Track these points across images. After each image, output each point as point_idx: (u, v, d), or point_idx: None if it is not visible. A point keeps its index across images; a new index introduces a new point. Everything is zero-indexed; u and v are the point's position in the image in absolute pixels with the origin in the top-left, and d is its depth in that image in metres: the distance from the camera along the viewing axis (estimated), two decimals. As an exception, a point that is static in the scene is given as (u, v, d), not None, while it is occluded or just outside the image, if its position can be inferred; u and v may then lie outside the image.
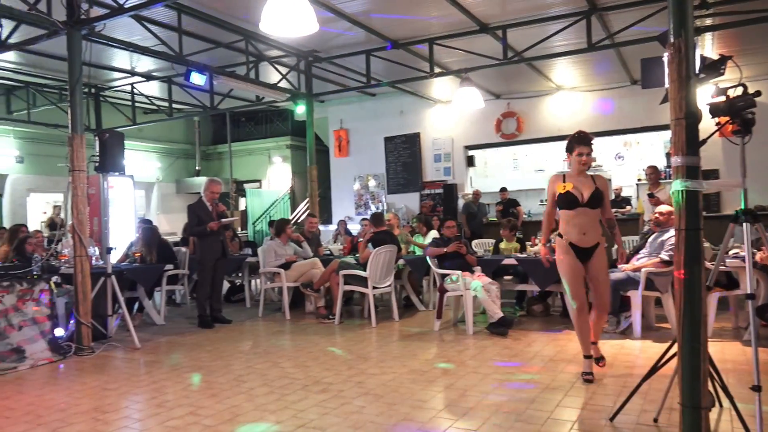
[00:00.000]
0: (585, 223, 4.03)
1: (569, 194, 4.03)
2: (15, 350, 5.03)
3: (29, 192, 13.03)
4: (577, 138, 4.06)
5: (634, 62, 8.86)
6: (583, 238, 4.04)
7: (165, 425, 3.51)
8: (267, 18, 4.64)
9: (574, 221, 4.05)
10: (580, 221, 4.03)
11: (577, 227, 4.05)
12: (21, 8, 5.80)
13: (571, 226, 4.07)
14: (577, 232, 4.05)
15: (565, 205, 4.07)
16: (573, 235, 4.05)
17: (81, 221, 5.68)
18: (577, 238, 4.04)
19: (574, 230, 4.05)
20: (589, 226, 4.05)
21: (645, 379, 3.37)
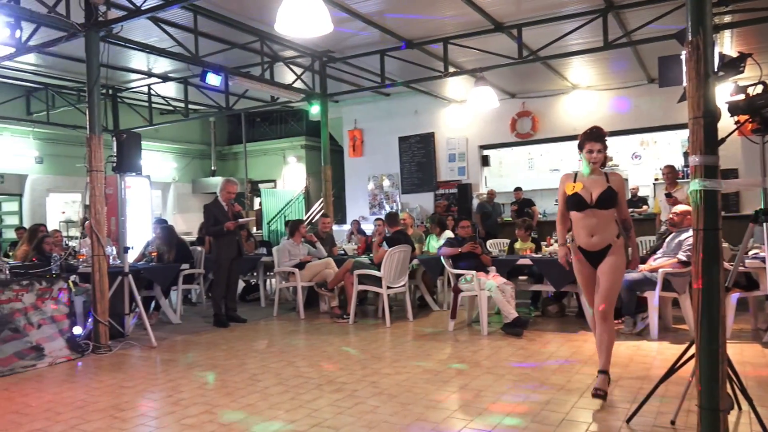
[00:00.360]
0: (594, 226, 3.72)
1: (576, 195, 3.76)
2: (34, 348, 5.11)
3: (48, 192, 13.22)
4: (587, 134, 3.76)
5: (652, 60, 8.77)
6: (591, 241, 3.74)
7: (181, 423, 3.54)
8: (282, 19, 4.66)
9: (582, 223, 3.76)
10: (588, 223, 3.73)
11: (585, 230, 3.75)
12: (40, 11, 5.89)
13: (579, 228, 3.79)
14: (584, 235, 3.76)
15: (573, 207, 3.79)
16: (581, 238, 3.79)
17: (99, 221, 5.75)
18: (585, 241, 3.76)
19: (582, 233, 3.77)
20: (599, 228, 3.72)
21: (662, 380, 3.34)
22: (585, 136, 3.75)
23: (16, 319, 5.03)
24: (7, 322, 4.96)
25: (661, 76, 6.32)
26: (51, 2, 5.89)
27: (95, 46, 5.87)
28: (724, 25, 7.51)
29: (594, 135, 3.72)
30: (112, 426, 3.53)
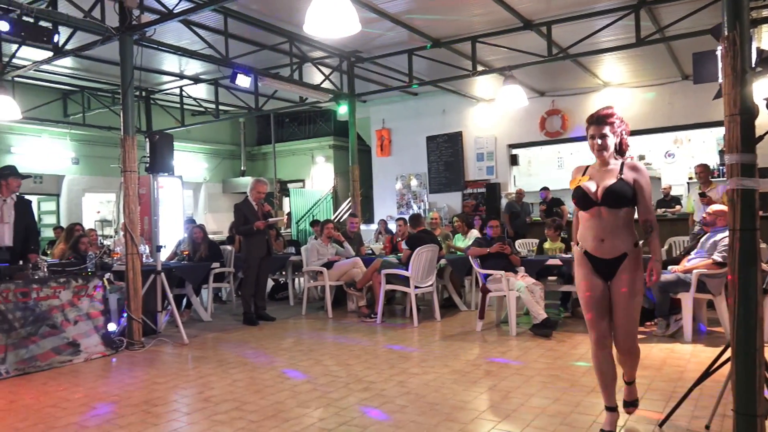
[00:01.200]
0: (602, 227, 3.04)
1: (578, 190, 3.11)
2: (71, 344, 5.25)
3: (84, 192, 13.55)
4: (588, 118, 3.17)
5: (686, 56, 8.57)
6: (599, 247, 3.05)
7: (211, 419, 3.60)
8: (311, 19, 4.70)
9: (588, 224, 3.11)
10: (595, 224, 3.06)
11: (591, 231, 3.08)
12: (77, 15, 6.05)
13: (586, 230, 3.13)
14: (591, 238, 3.08)
15: (578, 204, 3.14)
16: (588, 242, 3.10)
17: (132, 220, 5.88)
18: (593, 245, 3.07)
19: (589, 236, 3.10)
20: (609, 230, 3.03)
21: (696, 384, 3.27)
22: (587, 121, 3.16)
23: (53, 315, 5.18)
24: (46, 319, 5.11)
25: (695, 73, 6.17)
26: (87, 7, 6.05)
27: (129, 49, 6.00)
28: (762, 20, 7.30)
29: (595, 118, 3.10)
30: (145, 421, 3.61)
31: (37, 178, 12.54)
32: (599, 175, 3.10)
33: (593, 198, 3.05)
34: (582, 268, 3.16)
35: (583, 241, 3.15)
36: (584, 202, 3.09)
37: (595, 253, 3.09)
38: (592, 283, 3.11)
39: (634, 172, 3.06)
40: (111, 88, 11.20)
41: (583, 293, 3.15)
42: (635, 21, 7.17)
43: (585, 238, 3.14)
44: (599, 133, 3.06)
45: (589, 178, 3.12)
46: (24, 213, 5.97)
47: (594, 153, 3.11)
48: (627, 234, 3.04)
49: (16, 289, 4.95)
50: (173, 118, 12.17)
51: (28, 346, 4.93)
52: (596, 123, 3.07)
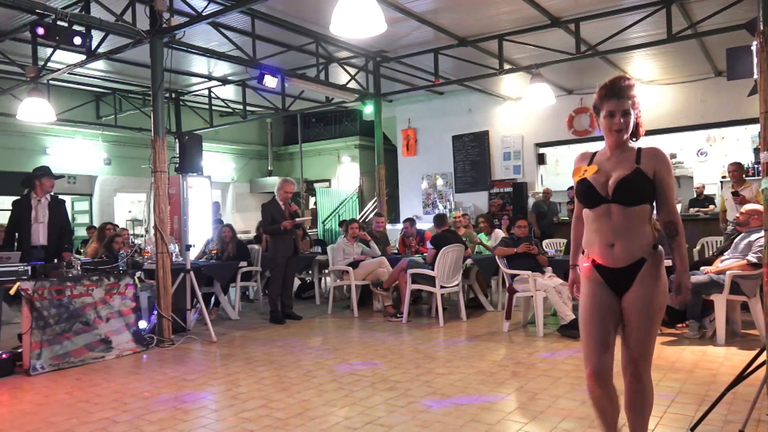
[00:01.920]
0: (612, 229, 2.43)
1: (583, 183, 2.51)
2: (103, 341, 5.37)
3: (116, 192, 13.85)
4: (604, 89, 2.48)
5: (719, 52, 8.37)
6: (609, 253, 2.44)
7: (239, 416, 3.64)
8: (337, 20, 4.73)
9: (595, 226, 2.49)
10: (603, 225, 2.45)
11: (600, 235, 2.46)
12: (109, 19, 6.19)
13: (592, 233, 2.51)
14: (600, 243, 2.46)
15: (583, 200, 2.55)
16: (595, 249, 2.49)
17: (162, 220, 5.98)
18: (601, 251, 2.46)
19: (597, 240, 2.48)
20: (621, 232, 2.42)
21: (730, 388, 3.20)
22: (601, 93, 2.49)
23: (86, 312, 5.30)
24: (79, 316, 5.23)
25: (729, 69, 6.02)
26: (119, 11, 6.19)
27: (159, 52, 6.11)
28: (800, 14, 7.09)
29: (615, 89, 2.44)
30: (174, 417, 3.67)
31: (70, 178, 12.87)
32: (610, 164, 2.48)
33: (602, 193, 2.45)
34: (589, 283, 2.52)
35: (590, 247, 2.52)
36: (591, 198, 2.48)
37: (604, 262, 2.46)
38: (599, 298, 2.48)
39: (654, 160, 2.44)
40: (142, 90, 11.44)
41: (586, 311, 2.52)
42: (666, 16, 7.03)
43: (591, 244, 2.52)
44: (621, 109, 2.42)
45: (597, 168, 2.50)
46: (58, 212, 6.12)
47: (611, 135, 2.47)
48: (644, 235, 2.42)
49: (51, 287, 5.08)
50: (202, 119, 12.36)
51: (62, 343, 5.06)
52: (617, 96, 2.43)
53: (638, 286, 2.44)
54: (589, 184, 2.50)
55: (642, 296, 2.43)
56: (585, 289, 2.57)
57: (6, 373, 4.74)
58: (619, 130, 2.44)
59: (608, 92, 2.46)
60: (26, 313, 4.91)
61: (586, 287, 2.56)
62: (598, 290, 2.51)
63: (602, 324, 2.49)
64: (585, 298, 2.56)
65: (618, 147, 2.50)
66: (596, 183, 2.47)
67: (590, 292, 2.53)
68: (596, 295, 2.51)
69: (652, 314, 2.44)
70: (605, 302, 2.49)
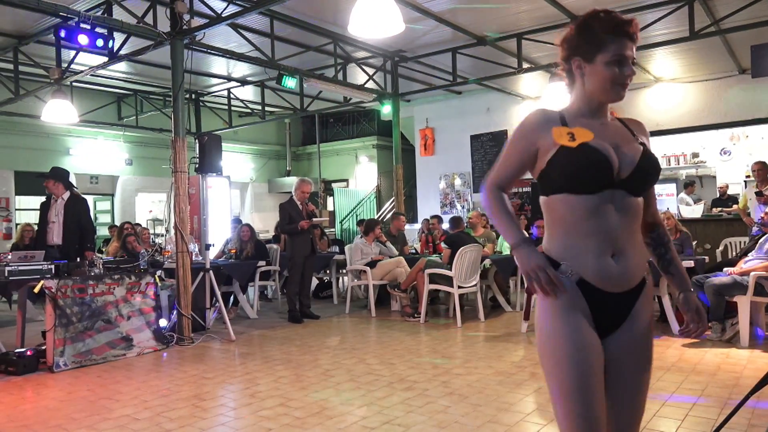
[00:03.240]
0: (615, 230, 1.60)
1: (587, 150, 1.59)
2: (124, 338, 5.44)
3: (137, 192, 14.03)
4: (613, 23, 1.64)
5: (743, 49, 8.21)
6: (609, 268, 1.60)
7: (257, 415, 3.66)
8: (355, 20, 4.74)
9: (589, 224, 1.59)
10: (605, 225, 1.59)
11: (596, 240, 1.59)
12: (130, 21, 6.28)
13: (582, 236, 1.60)
14: (596, 252, 1.59)
15: (586, 178, 1.59)
16: (587, 261, 1.60)
17: (182, 219, 6.04)
18: (598, 266, 1.59)
19: (590, 246, 1.60)
20: (628, 238, 1.62)
21: (753, 391, 3.12)
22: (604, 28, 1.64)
23: (108, 311, 5.37)
24: (101, 314, 5.31)
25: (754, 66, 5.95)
26: (140, 13, 6.27)
27: (180, 53, 6.18)
28: (827, 9, 6.94)
29: (627, 27, 1.65)
30: (193, 414, 3.70)
31: (93, 178, 13.09)
32: (608, 133, 1.66)
33: (615, 171, 1.60)
34: (568, 315, 1.58)
35: (575, 258, 1.61)
36: (599, 174, 1.59)
37: (599, 282, 1.59)
38: (589, 345, 1.57)
39: (644, 135, 1.76)
40: (162, 92, 11.58)
41: (570, 361, 1.55)
42: (689, 13, 6.92)
43: (579, 253, 1.60)
44: (632, 55, 1.65)
45: (592, 135, 1.62)
46: (76, 212, 6.22)
47: (612, 92, 1.65)
48: (643, 243, 1.73)
49: (74, 285, 5.16)
50: (221, 120, 12.47)
51: (84, 340, 5.14)
52: (630, 38, 1.65)
53: (636, 321, 1.64)
54: (599, 152, 1.58)
55: (641, 337, 1.65)
56: (562, 325, 1.57)
57: (30, 370, 4.83)
58: (626, 85, 1.66)
59: (618, 29, 1.63)
60: (50, 311, 5.00)
61: (563, 322, 1.57)
62: (586, 331, 1.57)
63: (593, 377, 1.55)
64: (566, 343, 1.56)
65: (604, 111, 1.71)
66: (610, 154, 1.60)
67: (575, 334, 1.56)
68: (585, 340, 1.56)
69: (651, 363, 1.68)
70: (593, 346, 1.58)
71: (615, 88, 1.64)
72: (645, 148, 1.69)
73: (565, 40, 1.71)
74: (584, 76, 1.68)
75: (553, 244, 1.66)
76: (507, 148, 1.72)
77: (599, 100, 1.68)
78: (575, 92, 1.72)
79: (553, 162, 1.62)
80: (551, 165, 1.62)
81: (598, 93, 1.67)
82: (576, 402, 1.53)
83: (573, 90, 1.73)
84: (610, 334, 1.62)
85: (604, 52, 1.63)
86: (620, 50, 1.62)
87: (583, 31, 1.67)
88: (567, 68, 1.73)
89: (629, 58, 1.64)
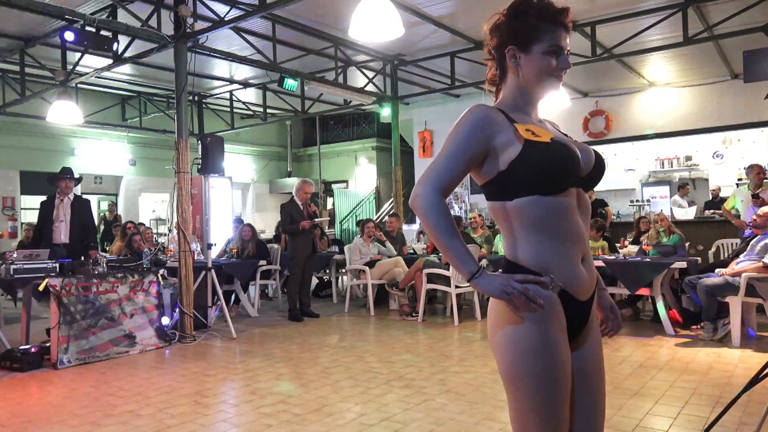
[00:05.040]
0: (584, 231, 1.55)
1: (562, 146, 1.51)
2: (127, 336, 5.52)
3: (141, 192, 14.10)
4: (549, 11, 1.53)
5: (735, 55, 8.29)
6: (585, 277, 1.53)
7: (258, 411, 3.73)
8: (356, 24, 4.83)
9: (568, 226, 1.49)
10: (574, 226, 1.51)
11: (574, 241, 1.50)
12: (135, 24, 6.37)
13: (562, 240, 1.48)
14: (575, 258, 1.51)
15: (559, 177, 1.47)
16: (565, 267, 1.48)
17: (185, 219, 6.12)
18: (577, 273, 1.51)
19: (569, 252, 1.49)
20: (586, 238, 1.57)
21: (744, 390, 3.19)
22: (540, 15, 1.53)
23: (111, 309, 5.45)
24: (104, 312, 5.39)
25: (746, 72, 6.03)
26: (144, 17, 6.36)
27: (183, 56, 6.26)
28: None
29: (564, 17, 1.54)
30: (195, 411, 3.76)
31: (97, 178, 13.17)
32: (552, 130, 1.62)
33: (578, 168, 1.52)
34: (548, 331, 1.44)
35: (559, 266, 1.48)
36: (573, 172, 1.50)
37: (577, 293, 1.50)
38: (565, 360, 1.46)
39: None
40: (166, 94, 11.65)
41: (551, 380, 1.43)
42: (683, 19, 7.00)
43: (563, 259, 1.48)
44: (568, 46, 1.57)
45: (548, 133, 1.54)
46: (80, 212, 6.32)
47: (548, 83, 1.57)
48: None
49: (78, 284, 5.24)
50: (223, 122, 12.55)
51: (88, 338, 5.21)
52: (565, 28, 1.55)
53: (593, 327, 1.59)
54: (569, 148, 1.51)
55: (599, 343, 1.61)
56: (544, 342, 1.43)
57: (35, 367, 4.90)
58: (561, 77, 1.58)
59: (555, 17, 1.53)
60: (54, 309, 5.07)
61: (544, 339, 1.43)
62: (565, 346, 1.47)
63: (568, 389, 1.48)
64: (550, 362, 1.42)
65: (536, 107, 1.62)
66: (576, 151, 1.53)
67: (559, 352, 1.44)
68: (565, 356, 1.46)
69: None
70: (568, 358, 1.48)
71: (550, 79, 1.55)
72: (587, 146, 1.64)
73: (496, 26, 1.58)
74: (519, 67, 1.55)
75: (529, 252, 1.48)
76: (452, 147, 1.49)
77: (534, 92, 1.58)
78: (508, 84, 1.60)
79: (522, 160, 1.45)
80: (517, 165, 1.45)
81: (533, 84, 1.56)
82: (555, 424, 1.44)
83: (503, 82, 1.63)
84: (572, 343, 1.51)
85: (541, 42, 1.52)
86: (557, 40, 1.52)
87: (517, 18, 1.54)
88: (498, 57, 1.61)
89: (565, 49, 1.55)
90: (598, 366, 1.58)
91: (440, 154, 1.49)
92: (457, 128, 1.51)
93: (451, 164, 1.48)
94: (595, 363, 1.57)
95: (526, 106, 1.59)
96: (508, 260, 1.54)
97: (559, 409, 1.44)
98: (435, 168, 1.49)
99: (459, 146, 1.49)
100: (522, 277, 1.41)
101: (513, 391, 1.48)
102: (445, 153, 1.49)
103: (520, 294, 1.38)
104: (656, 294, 5.80)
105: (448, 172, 1.48)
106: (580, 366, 1.54)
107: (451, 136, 1.51)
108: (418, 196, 1.47)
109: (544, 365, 1.42)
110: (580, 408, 1.55)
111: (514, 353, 1.45)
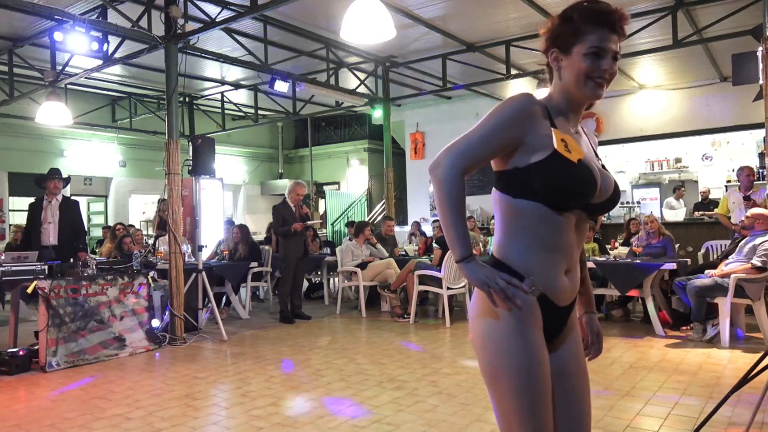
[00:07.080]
0: (575, 248, 1.56)
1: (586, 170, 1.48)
2: (117, 338, 5.48)
3: (131, 193, 14.02)
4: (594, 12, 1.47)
5: (724, 58, 8.38)
6: (567, 286, 1.55)
7: (249, 414, 3.71)
8: (348, 26, 4.83)
9: (560, 240, 1.51)
10: (568, 241, 1.53)
11: (562, 255, 1.52)
12: (125, 25, 6.33)
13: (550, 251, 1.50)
14: (560, 268, 1.53)
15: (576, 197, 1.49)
16: (551, 276, 1.51)
17: (175, 221, 6.10)
18: (560, 282, 1.53)
19: (558, 262, 1.52)
20: (577, 253, 1.60)
21: (734, 390, 3.22)
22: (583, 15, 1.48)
23: (101, 311, 5.41)
24: (94, 314, 5.35)
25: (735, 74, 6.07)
26: (135, 17, 6.33)
27: (174, 57, 6.24)
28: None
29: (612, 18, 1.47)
30: (186, 414, 3.74)
31: (86, 180, 13.07)
32: (584, 145, 1.58)
33: (597, 189, 1.52)
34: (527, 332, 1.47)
35: (542, 273, 1.49)
36: (587, 197, 1.50)
37: (556, 299, 1.53)
38: (544, 360, 1.49)
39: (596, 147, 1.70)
40: (156, 95, 11.61)
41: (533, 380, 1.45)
42: (672, 22, 7.07)
43: (547, 267, 1.50)
44: (615, 50, 1.49)
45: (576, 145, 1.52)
46: (69, 213, 6.26)
47: (585, 89, 1.51)
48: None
49: (67, 286, 5.20)
50: (215, 123, 12.51)
51: (77, 340, 5.17)
52: (613, 29, 1.48)
53: (573, 330, 1.63)
54: (593, 174, 1.49)
55: (580, 344, 1.65)
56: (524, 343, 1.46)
57: (23, 370, 4.86)
58: (604, 85, 1.51)
59: (599, 18, 1.47)
60: (43, 311, 5.03)
61: (524, 340, 1.46)
62: (543, 347, 1.49)
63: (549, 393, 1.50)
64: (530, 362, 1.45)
65: (579, 114, 1.59)
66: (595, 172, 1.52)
67: (538, 351, 1.47)
68: (544, 356, 1.48)
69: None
70: (548, 366, 1.50)
71: (589, 83, 1.49)
72: (611, 174, 1.62)
73: (547, 30, 1.55)
74: (560, 70, 1.54)
75: (515, 254, 1.50)
76: (488, 129, 1.47)
77: (575, 98, 1.54)
78: (553, 87, 1.59)
79: (541, 167, 1.43)
80: (537, 169, 1.44)
81: (572, 88, 1.52)
82: (538, 422, 1.44)
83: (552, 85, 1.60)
84: (550, 345, 1.54)
85: (581, 43, 1.47)
86: (599, 42, 1.46)
87: (564, 20, 1.51)
88: (546, 61, 1.59)
89: (610, 52, 1.47)
90: (579, 366, 1.61)
91: (475, 130, 1.48)
92: (499, 112, 1.50)
93: (481, 146, 1.47)
94: (576, 363, 1.60)
95: (569, 112, 1.56)
96: (494, 257, 1.55)
97: (540, 406, 1.45)
98: (466, 143, 1.48)
99: (494, 130, 1.48)
100: (507, 278, 1.42)
101: (493, 388, 1.51)
102: (479, 133, 1.48)
103: (500, 291, 1.40)
104: (646, 295, 5.83)
105: (476, 152, 1.47)
106: (560, 366, 1.56)
107: (490, 117, 1.49)
108: (439, 166, 1.48)
109: (520, 362, 1.44)
110: (564, 408, 1.57)
111: (492, 351, 1.50)
